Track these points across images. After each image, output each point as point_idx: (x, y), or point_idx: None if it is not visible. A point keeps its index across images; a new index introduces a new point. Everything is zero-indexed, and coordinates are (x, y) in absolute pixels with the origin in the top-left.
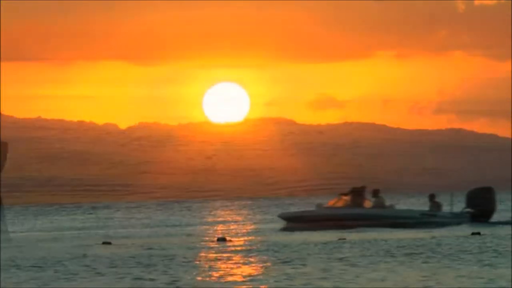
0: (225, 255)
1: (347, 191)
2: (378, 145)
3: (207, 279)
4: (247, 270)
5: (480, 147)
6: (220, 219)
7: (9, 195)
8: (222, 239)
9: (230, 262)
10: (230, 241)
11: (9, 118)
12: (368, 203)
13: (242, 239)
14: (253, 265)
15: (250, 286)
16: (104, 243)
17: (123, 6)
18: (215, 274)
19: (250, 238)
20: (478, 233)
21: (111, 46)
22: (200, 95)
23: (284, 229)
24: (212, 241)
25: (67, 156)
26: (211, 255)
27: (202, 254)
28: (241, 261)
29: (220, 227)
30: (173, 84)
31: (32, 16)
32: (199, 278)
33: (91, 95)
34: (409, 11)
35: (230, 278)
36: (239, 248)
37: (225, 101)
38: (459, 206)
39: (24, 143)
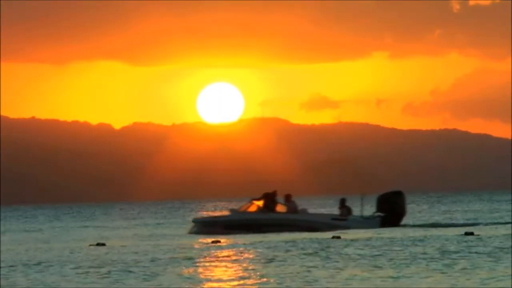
0: (220, 256)
1: (259, 196)
2: (372, 145)
3: (203, 279)
4: (241, 271)
5: (474, 147)
6: None
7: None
8: (216, 241)
9: (224, 263)
10: (225, 242)
11: (4, 118)
12: (281, 207)
13: (236, 240)
14: (247, 266)
15: (245, 286)
16: (98, 244)
17: (119, 7)
18: (210, 276)
19: (244, 238)
20: (472, 233)
21: (106, 47)
22: (194, 96)
23: (194, 232)
24: (207, 243)
25: (62, 156)
26: (206, 256)
27: (198, 256)
28: (236, 262)
29: None
30: (167, 84)
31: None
32: (194, 279)
33: (85, 95)
34: (404, 11)
35: (224, 279)
36: (233, 249)
37: (219, 102)
38: (370, 210)
39: (18, 143)
